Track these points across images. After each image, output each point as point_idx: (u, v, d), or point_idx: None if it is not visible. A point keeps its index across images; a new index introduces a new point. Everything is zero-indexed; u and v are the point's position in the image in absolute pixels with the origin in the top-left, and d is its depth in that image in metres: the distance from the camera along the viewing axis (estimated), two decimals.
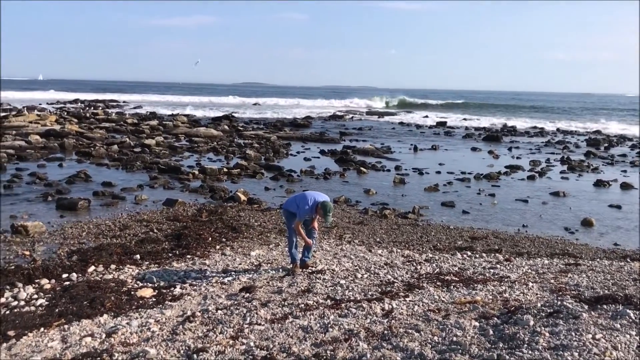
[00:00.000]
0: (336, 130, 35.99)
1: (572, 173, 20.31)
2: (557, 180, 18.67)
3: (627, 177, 19.33)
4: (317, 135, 31.39)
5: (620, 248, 10.71)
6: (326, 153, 23.88)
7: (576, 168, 21.23)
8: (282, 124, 37.92)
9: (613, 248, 10.68)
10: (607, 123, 47.78)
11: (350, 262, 8.56)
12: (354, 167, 19.77)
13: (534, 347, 4.17)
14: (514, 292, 6.26)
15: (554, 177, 19.30)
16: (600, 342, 4.15)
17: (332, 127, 38.32)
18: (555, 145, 29.99)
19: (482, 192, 15.80)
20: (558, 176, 19.44)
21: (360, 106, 66.75)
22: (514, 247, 10.30)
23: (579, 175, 19.79)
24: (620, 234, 11.86)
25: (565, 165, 22.18)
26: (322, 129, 36.87)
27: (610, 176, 19.33)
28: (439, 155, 24.90)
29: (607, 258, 9.64)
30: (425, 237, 10.89)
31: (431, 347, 4.46)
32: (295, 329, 5.20)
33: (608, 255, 9.96)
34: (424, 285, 6.77)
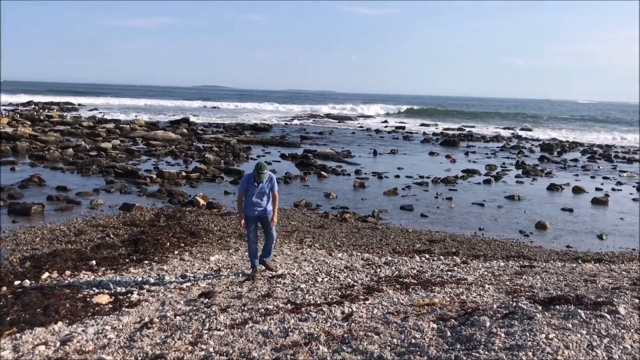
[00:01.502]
0: (297, 134, 36.03)
1: (527, 177, 20.84)
2: (512, 184, 19.13)
3: (579, 181, 19.95)
4: (278, 139, 31.34)
5: (573, 250, 11.04)
6: (287, 157, 23.88)
7: (530, 172, 21.80)
8: (242, 128, 37.75)
9: (566, 250, 11.01)
10: (561, 130, 49.25)
11: (310, 266, 8.57)
12: (315, 171, 19.82)
13: (490, 348, 4.25)
14: (471, 294, 6.37)
15: (509, 181, 19.77)
16: (553, 342, 4.26)
17: (293, 131, 38.34)
18: (510, 150, 30.72)
19: (439, 196, 16.05)
20: (513, 180, 19.92)
21: (322, 111, 66.88)
22: (471, 250, 10.50)
23: (534, 180, 20.32)
24: (572, 236, 12.22)
25: (520, 169, 22.75)
26: (282, 132, 36.85)
27: (563, 180, 19.92)
28: (398, 159, 25.20)
29: (560, 260, 9.93)
30: (385, 241, 11.00)
31: (390, 350, 4.50)
32: (255, 334, 5.17)
33: (561, 257, 10.26)
34: (384, 288, 6.83)
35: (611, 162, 27.06)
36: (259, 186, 7.71)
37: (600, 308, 5.15)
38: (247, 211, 7.82)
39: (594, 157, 28.64)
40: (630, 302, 5.60)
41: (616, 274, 8.03)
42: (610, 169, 24.27)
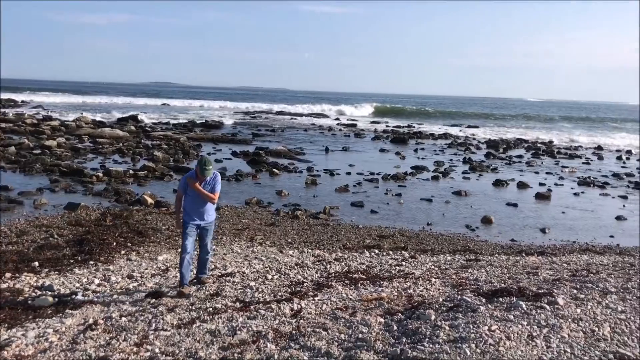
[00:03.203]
0: (249, 131, 35.81)
1: (474, 173, 21.34)
2: (459, 180, 19.55)
3: (523, 177, 20.56)
4: (229, 136, 31.09)
5: (517, 243, 11.38)
6: (238, 154, 23.70)
7: (477, 168, 22.33)
8: (192, 125, 37.23)
9: (510, 244, 11.33)
10: (508, 128, 50.61)
11: (261, 264, 8.54)
12: (267, 169, 19.74)
13: (435, 341, 4.34)
14: (418, 288, 6.49)
15: (457, 177, 20.20)
16: (495, 333, 4.39)
17: (245, 128, 38.08)
18: (458, 147, 31.37)
19: (389, 192, 16.26)
20: (460, 176, 20.36)
21: (275, 108, 66.54)
22: (419, 245, 10.68)
23: (480, 175, 20.82)
24: (516, 230, 12.59)
25: (467, 165, 23.29)
26: (234, 129, 36.55)
27: (508, 176, 20.50)
28: (350, 156, 25.37)
29: (504, 253, 10.22)
30: (336, 237, 11.06)
31: (338, 345, 4.54)
32: (202, 333, 5.12)
33: (505, 251, 10.56)
34: (333, 284, 6.87)
35: (554, 158, 28.01)
36: (202, 185, 6.89)
37: (540, 299, 5.34)
38: (187, 216, 6.93)
39: (538, 153, 29.56)
40: (569, 292, 5.83)
41: (557, 266, 8.33)
42: (553, 165, 25.12)
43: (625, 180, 21.12)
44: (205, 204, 6.95)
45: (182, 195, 7.06)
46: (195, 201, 6.91)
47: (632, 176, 22.23)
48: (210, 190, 6.93)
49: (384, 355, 4.23)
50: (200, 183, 6.87)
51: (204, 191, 6.86)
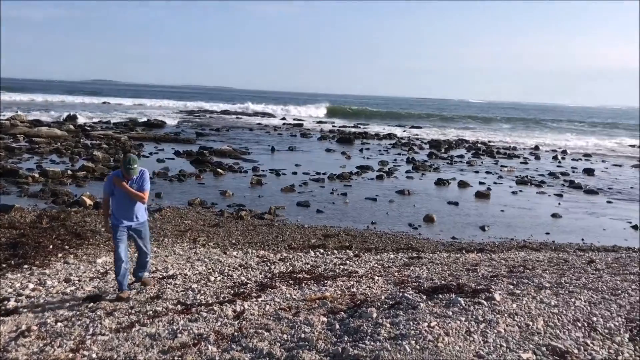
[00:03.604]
0: (192, 130, 35.31)
1: (417, 172, 21.72)
2: (403, 179, 19.87)
3: (464, 176, 21.08)
4: (172, 136, 30.54)
5: (457, 241, 11.65)
6: (181, 154, 23.30)
7: (420, 168, 22.75)
8: (134, 124, 36.38)
9: (451, 241, 11.59)
10: (448, 128, 51.79)
11: (203, 266, 8.42)
12: (211, 169, 19.49)
13: (376, 339, 4.39)
14: (361, 287, 6.55)
15: (400, 176, 20.51)
16: (435, 330, 4.47)
17: (188, 127, 37.52)
18: (402, 147, 31.86)
19: (335, 192, 16.35)
20: (404, 176, 20.69)
21: (220, 107, 65.75)
22: (364, 243, 10.79)
23: (423, 175, 21.22)
24: (457, 228, 12.88)
25: (411, 165, 23.69)
26: (177, 129, 35.94)
27: (450, 175, 20.97)
28: (296, 156, 25.37)
29: (446, 251, 10.45)
30: (281, 237, 11.04)
31: (280, 346, 4.53)
32: (142, 337, 5.01)
33: (447, 248, 10.79)
34: (277, 285, 6.85)
35: (493, 157, 28.84)
36: (128, 184, 6.50)
37: (478, 295, 5.48)
38: (115, 219, 6.56)
39: (478, 153, 30.38)
40: (506, 288, 6.00)
41: (495, 262, 8.58)
42: (492, 165, 25.85)
43: (561, 179, 21.95)
44: (134, 204, 6.58)
45: (108, 197, 6.67)
46: (124, 202, 6.55)
47: (567, 175, 23.14)
48: (137, 189, 6.55)
49: (326, 355, 4.24)
50: (126, 182, 6.50)
51: (132, 190, 6.50)
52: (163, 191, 14.95)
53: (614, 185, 20.85)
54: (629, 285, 6.29)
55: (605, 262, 8.34)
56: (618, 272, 7.34)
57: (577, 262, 8.37)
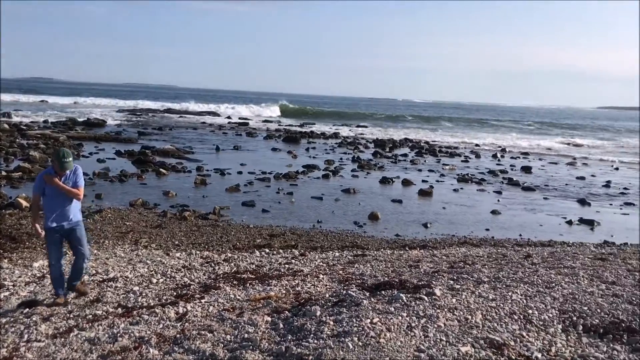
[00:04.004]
0: (134, 129, 34.52)
1: (362, 171, 21.94)
2: (348, 178, 20.04)
3: (407, 175, 21.44)
4: (113, 135, 29.77)
5: (401, 238, 11.84)
6: (122, 154, 22.74)
7: (365, 167, 23.00)
8: (73, 123, 35.24)
9: (395, 239, 11.77)
10: (393, 128, 52.55)
11: (145, 268, 8.24)
12: (153, 169, 19.10)
13: (319, 336, 4.41)
14: (306, 285, 6.56)
15: (346, 175, 20.68)
16: (377, 326, 4.54)
17: (130, 127, 36.66)
18: (347, 146, 32.12)
19: (281, 191, 16.33)
20: (349, 174, 20.87)
21: (164, 106, 64.46)
22: (309, 242, 10.82)
23: (368, 174, 21.46)
24: (401, 225, 13.09)
25: (356, 164, 23.91)
26: (118, 128, 35.06)
27: (394, 174, 21.28)
28: (241, 155, 25.18)
29: (389, 248, 10.60)
30: (226, 237, 10.93)
31: (223, 347, 4.49)
32: (80, 342, 4.86)
33: (391, 246, 10.95)
34: (221, 285, 6.78)
35: (436, 156, 29.46)
36: (62, 180, 6.12)
37: (419, 291, 5.59)
38: (48, 221, 6.14)
39: (421, 152, 30.96)
40: (446, 283, 6.15)
41: (437, 258, 8.76)
42: (435, 163, 26.40)
43: (500, 176, 22.63)
44: (67, 202, 6.19)
45: (39, 197, 6.21)
46: (56, 201, 6.15)
47: (506, 173, 23.90)
48: (72, 186, 6.17)
49: (269, 354, 4.23)
50: (60, 179, 6.11)
51: (66, 187, 6.09)
52: (104, 192, 14.55)
53: (550, 183, 21.66)
54: (562, 278, 6.56)
55: (541, 257, 8.66)
56: (553, 265, 7.63)
57: (514, 257, 8.65)
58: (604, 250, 10.00)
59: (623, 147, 44.46)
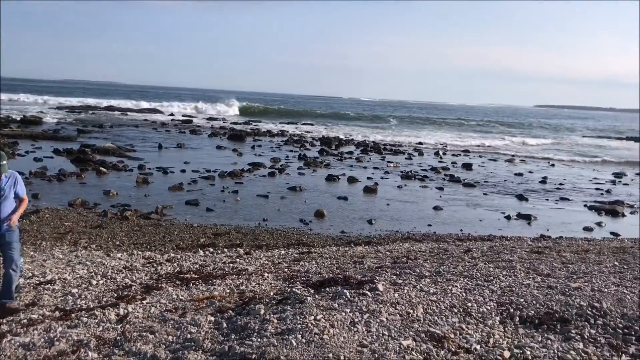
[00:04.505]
0: (73, 127, 33.45)
1: (308, 169, 22.01)
2: (294, 176, 20.05)
3: (353, 172, 21.63)
4: (51, 133, 28.73)
5: (346, 235, 11.94)
6: (61, 152, 22.00)
7: (311, 164, 23.07)
8: (7, 120, 33.78)
9: (340, 235, 11.86)
10: (339, 126, 52.90)
11: (85, 269, 8.00)
12: (93, 168, 18.57)
13: (263, 335, 4.40)
14: (250, 284, 6.53)
15: (292, 173, 20.68)
16: (321, 322, 4.56)
17: (69, 124, 35.49)
18: (293, 144, 32.12)
19: (226, 190, 16.17)
20: (296, 172, 20.89)
21: (104, 103, 62.58)
22: (255, 241, 10.77)
23: (314, 171, 21.53)
24: (346, 222, 13.21)
25: (302, 161, 23.95)
26: (56, 126, 33.90)
27: (339, 171, 21.44)
28: (185, 153, 24.79)
29: (335, 245, 10.68)
30: (169, 237, 10.75)
31: (165, 348, 4.41)
32: (14, 348, 4.67)
33: (336, 242, 11.04)
34: (163, 286, 6.67)
35: (380, 154, 29.85)
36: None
37: (363, 287, 5.66)
38: None
39: (366, 149, 31.29)
40: (389, 278, 6.25)
41: (381, 254, 8.89)
42: (379, 160, 26.75)
43: (442, 173, 23.15)
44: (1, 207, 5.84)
45: None
46: None
47: (448, 169, 24.46)
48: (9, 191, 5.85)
49: (212, 354, 4.19)
50: None
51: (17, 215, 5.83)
52: (41, 192, 14.05)
53: (489, 179, 22.32)
54: (500, 271, 6.78)
55: (480, 251, 8.92)
56: (492, 259, 7.88)
57: (455, 252, 8.87)
58: (540, 244, 10.40)
59: (559, 145, 46.25)
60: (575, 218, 15.38)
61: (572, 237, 12.53)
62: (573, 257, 8.21)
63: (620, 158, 36.86)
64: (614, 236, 13.20)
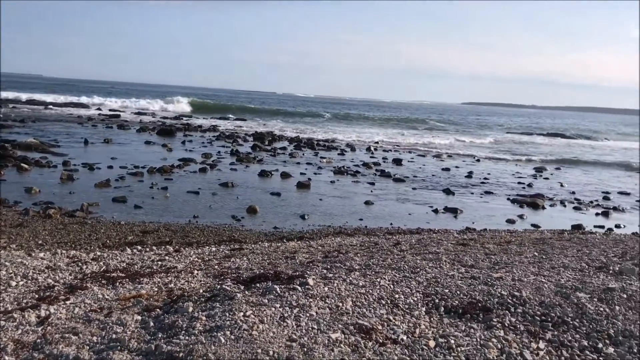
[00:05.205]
0: None
1: (241, 164, 21.84)
2: (227, 171, 19.84)
3: (286, 168, 21.67)
4: None
5: (279, 230, 11.95)
6: None
7: (244, 160, 22.91)
8: None
9: (273, 231, 11.86)
10: (273, 121, 52.74)
11: (4, 270, 7.60)
12: (13, 164, 17.68)
13: (191, 332, 4.35)
14: (179, 282, 6.43)
15: (224, 168, 20.46)
16: (250, 318, 4.56)
17: None
18: (226, 139, 31.77)
19: (155, 186, 15.81)
20: (228, 168, 20.67)
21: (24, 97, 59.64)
22: (185, 238, 10.60)
23: (247, 167, 21.40)
24: (279, 218, 13.21)
25: (235, 157, 23.74)
26: None
27: (273, 167, 21.40)
28: (112, 149, 24.05)
29: (267, 240, 10.66)
30: (95, 235, 10.41)
31: (89, 349, 4.28)
32: None
33: (269, 238, 11.02)
34: (88, 286, 6.45)
35: (314, 149, 30.01)
36: None
37: (293, 281, 5.69)
38: None
39: (300, 145, 31.38)
40: (320, 273, 6.31)
41: (313, 249, 8.95)
42: (312, 156, 26.88)
43: (373, 169, 23.53)
44: None
45: None
46: None
47: (379, 165, 24.90)
48: None
49: (138, 353, 4.11)
50: None
51: None
52: None
53: (418, 174, 22.88)
54: (427, 263, 6.99)
55: (409, 244, 9.15)
56: (419, 252, 8.10)
57: (385, 245, 9.06)
58: (465, 236, 10.78)
59: (485, 141, 47.97)
60: (499, 211, 16.03)
61: (495, 229, 13.06)
62: (496, 248, 8.56)
63: (541, 154, 38.65)
64: (535, 228, 13.84)
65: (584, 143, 55.95)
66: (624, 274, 6.53)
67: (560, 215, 16.14)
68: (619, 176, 28.44)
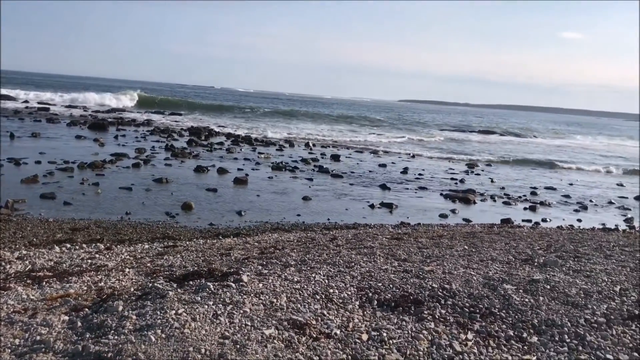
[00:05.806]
0: None
1: (176, 160, 21.42)
2: (161, 167, 19.42)
3: (223, 163, 21.40)
4: None
5: (215, 227, 11.81)
6: None
7: (179, 155, 22.48)
8: None
9: (209, 228, 11.70)
10: (210, 116, 52.01)
11: None
12: None
13: (121, 332, 4.24)
14: (109, 280, 6.25)
15: (159, 164, 20.00)
16: (182, 316, 4.49)
17: None
18: (160, 134, 31.08)
19: (85, 182, 15.29)
20: (162, 163, 20.22)
21: None
22: (116, 235, 10.31)
23: (182, 162, 21.00)
24: (215, 214, 13.06)
25: (170, 152, 23.26)
26: None
27: (209, 162, 21.12)
28: (40, 143, 23.07)
29: (202, 237, 10.51)
30: (20, 233, 9.97)
31: (11, 352, 4.10)
32: None
33: (204, 235, 10.87)
34: (12, 286, 6.17)
35: (252, 145, 29.80)
36: None
37: (227, 278, 5.64)
38: None
39: (237, 141, 31.10)
40: (255, 269, 6.28)
41: (249, 245, 8.90)
42: (250, 152, 26.69)
43: (312, 164, 23.61)
44: None
45: None
46: None
47: (317, 161, 24.99)
48: None
49: (64, 355, 3.96)
50: None
51: None
52: None
53: (355, 170, 23.13)
54: (361, 257, 7.08)
55: (345, 239, 9.25)
56: (355, 246, 8.21)
57: (322, 240, 9.13)
58: (400, 231, 11.00)
59: (420, 137, 49.00)
60: (433, 205, 16.43)
61: (429, 223, 13.39)
62: (428, 242, 8.78)
63: (474, 150, 39.86)
64: (466, 222, 14.29)
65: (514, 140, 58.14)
66: (547, 266, 6.84)
67: (490, 210, 16.71)
68: (544, 173, 29.70)
